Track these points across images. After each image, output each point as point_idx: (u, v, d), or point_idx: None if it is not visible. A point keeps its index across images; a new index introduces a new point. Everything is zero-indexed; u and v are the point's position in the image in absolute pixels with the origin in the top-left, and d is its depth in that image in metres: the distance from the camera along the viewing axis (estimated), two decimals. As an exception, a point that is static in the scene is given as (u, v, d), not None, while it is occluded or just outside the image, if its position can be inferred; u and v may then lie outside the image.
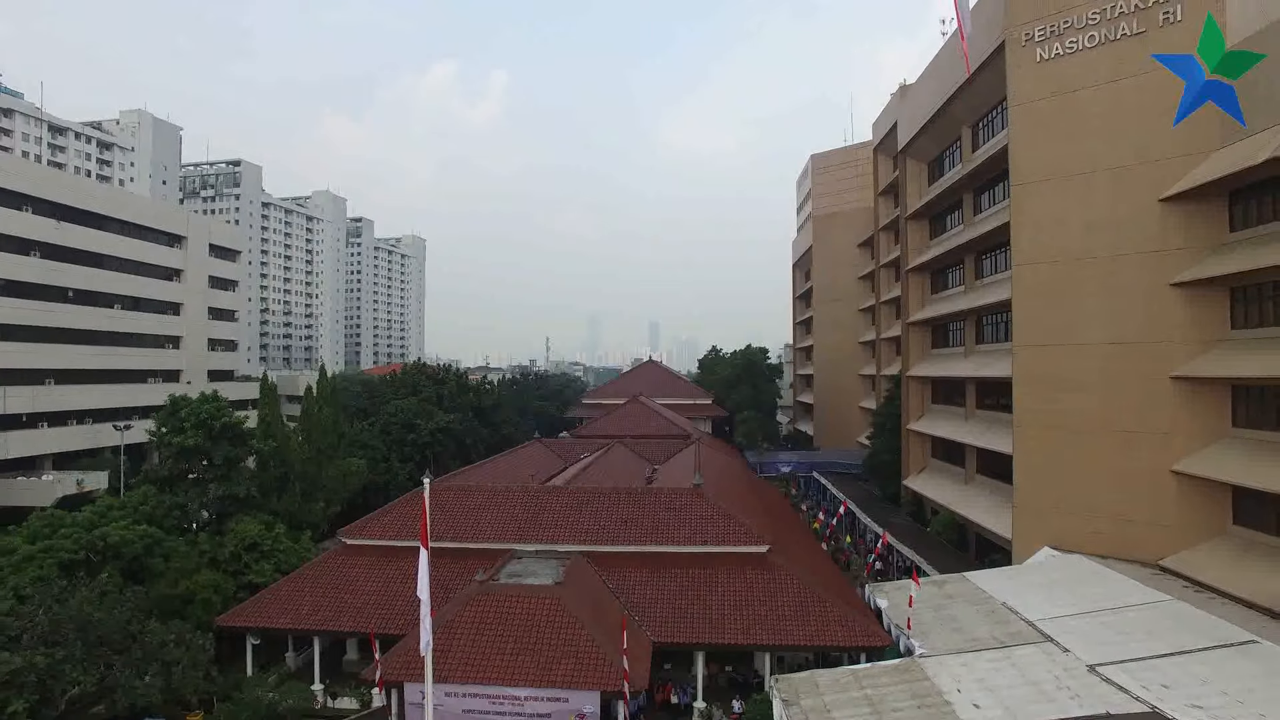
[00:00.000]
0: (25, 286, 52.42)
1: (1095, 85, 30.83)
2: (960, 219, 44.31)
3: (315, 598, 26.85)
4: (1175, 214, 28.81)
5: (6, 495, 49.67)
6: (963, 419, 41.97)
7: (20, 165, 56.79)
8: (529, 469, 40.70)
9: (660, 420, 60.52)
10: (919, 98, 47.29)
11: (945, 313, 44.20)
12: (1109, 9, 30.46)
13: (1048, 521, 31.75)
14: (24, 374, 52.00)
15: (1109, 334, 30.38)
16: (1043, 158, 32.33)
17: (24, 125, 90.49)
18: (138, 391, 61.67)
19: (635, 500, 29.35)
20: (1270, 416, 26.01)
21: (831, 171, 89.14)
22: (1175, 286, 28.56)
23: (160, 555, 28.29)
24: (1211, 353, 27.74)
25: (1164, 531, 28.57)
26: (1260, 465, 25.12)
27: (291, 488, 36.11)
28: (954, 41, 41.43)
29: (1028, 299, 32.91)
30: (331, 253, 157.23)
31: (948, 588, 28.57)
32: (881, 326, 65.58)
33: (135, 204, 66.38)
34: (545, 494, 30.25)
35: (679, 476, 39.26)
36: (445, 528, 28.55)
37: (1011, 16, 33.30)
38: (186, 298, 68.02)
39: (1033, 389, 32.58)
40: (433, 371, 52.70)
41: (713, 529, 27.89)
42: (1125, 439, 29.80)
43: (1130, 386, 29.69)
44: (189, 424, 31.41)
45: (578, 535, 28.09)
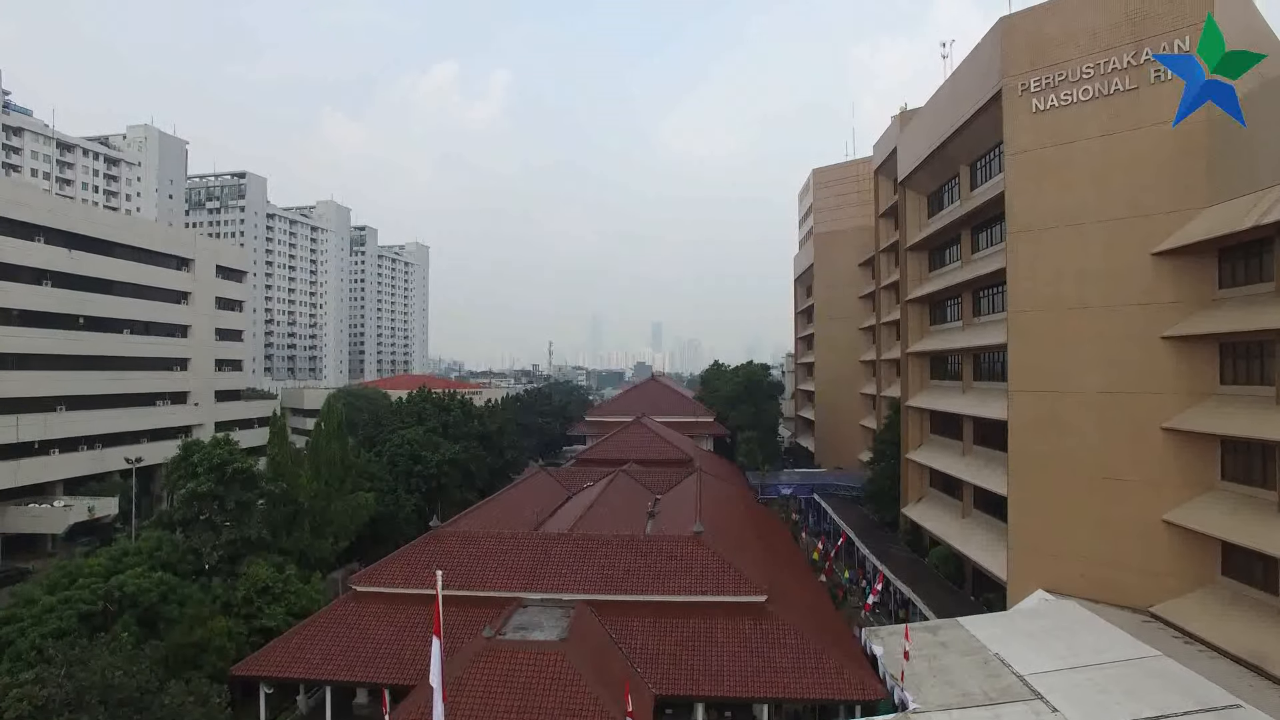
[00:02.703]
0: (37, 315, 53.35)
1: (1090, 138, 31.44)
2: (959, 254, 44.94)
3: (326, 646, 27.61)
4: (1166, 268, 29.43)
5: (19, 522, 50.73)
6: (960, 454, 42.60)
7: (34, 196, 57.61)
8: (533, 505, 41.46)
9: (662, 444, 61.25)
10: (917, 133, 47.91)
11: (943, 348, 44.81)
12: (1102, 64, 31.08)
13: (1042, 564, 32.41)
14: (37, 402, 52.93)
15: (1102, 382, 30.98)
16: (1039, 207, 32.95)
17: (33, 143, 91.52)
18: (146, 414, 62.68)
19: (637, 549, 30.07)
20: (1257, 472, 26.64)
21: (832, 186, 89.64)
22: (1166, 339, 29.21)
23: (175, 601, 29.07)
24: (1201, 406, 28.37)
25: (1154, 579, 29.20)
26: (1246, 521, 25.75)
27: (301, 525, 36.87)
28: (951, 83, 42.11)
29: (1023, 345, 33.55)
30: (335, 262, 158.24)
31: (942, 634, 29.23)
32: (882, 348, 66.18)
33: (144, 229, 67.40)
34: (550, 542, 30.97)
35: (680, 510, 40.01)
36: (453, 576, 29.22)
37: (1007, 66, 33.90)
38: (194, 319, 68.96)
39: (1027, 434, 33.22)
40: (438, 399, 53.48)
41: (712, 578, 28.59)
42: (1117, 486, 30.42)
43: (1123, 435, 30.31)
44: (201, 469, 32.21)
45: (582, 584, 28.81)
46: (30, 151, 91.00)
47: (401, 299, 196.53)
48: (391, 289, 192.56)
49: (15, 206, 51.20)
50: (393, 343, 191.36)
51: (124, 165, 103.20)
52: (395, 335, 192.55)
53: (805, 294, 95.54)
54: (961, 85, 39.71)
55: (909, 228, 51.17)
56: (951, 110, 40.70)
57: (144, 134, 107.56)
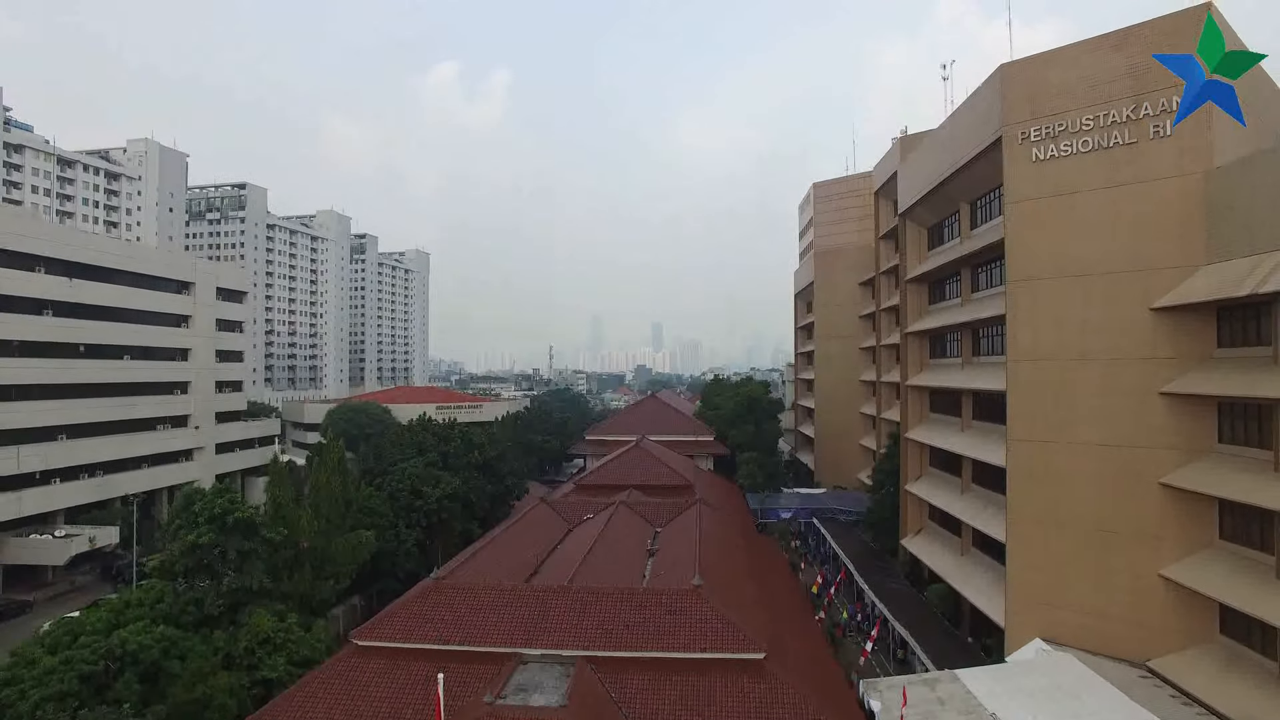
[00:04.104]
0: (38, 345, 53.39)
1: (1090, 190, 31.45)
2: (959, 289, 44.97)
3: (328, 704, 27.61)
4: (1165, 323, 29.46)
5: (20, 554, 50.81)
6: (959, 491, 42.66)
7: (36, 227, 57.66)
8: (533, 543, 41.55)
9: (662, 469, 61.30)
10: (918, 168, 47.90)
11: (943, 385, 44.82)
12: (1101, 117, 31.09)
13: (1039, 613, 32.47)
14: (38, 432, 53.00)
15: (1101, 435, 30.98)
16: (1038, 256, 32.93)
17: (34, 160, 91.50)
18: (147, 440, 62.76)
19: (637, 602, 30.09)
20: (1256, 535, 26.68)
21: (833, 200, 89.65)
22: (1164, 395, 29.24)
23: (177, 656, 29.16)
24: (1199, 464, 28.40)
25: (1153, 634, 29.27)
26: (1244, 584, 25.79)
27: (302, 567, 36.96)
28: (951, 122, 42.13)
29: (1022, 394, 33.57)
30: (336, 271, 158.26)
31: (940, 689, 29.32)
32: (882, 369, 66.26)
33: (144, 255, 67.50)
34: (550, 595, 31.02)
35: (680, 548, 40.07)
36: (454, 630, 29.37)
37: (1008, 114, 33.90)
38: (194, 342, 69.04)
39: (1026, 483, 33.26)
40: (439, 429, 53.57)
41: (712, 634, 28.62)
42: (1116, 539, 30.49)
43: (1122, 488, 30.33)
44: (202, 519, 32.30)
45: (582, 639, 28.84)
46: (31, 169, 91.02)
47: (402, 306, 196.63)
48: (392, 296, 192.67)
49: (18, 239, 51.25)
50: (393, 350, 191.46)
51: (124, 180, 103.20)
52: (395, 342, 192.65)
53: (806, 309, 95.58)
54: (961, 127, 39.70)
55: (909, 259, 51.19)
56: (951, 150, 40.71)
57: (144, 148, 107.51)
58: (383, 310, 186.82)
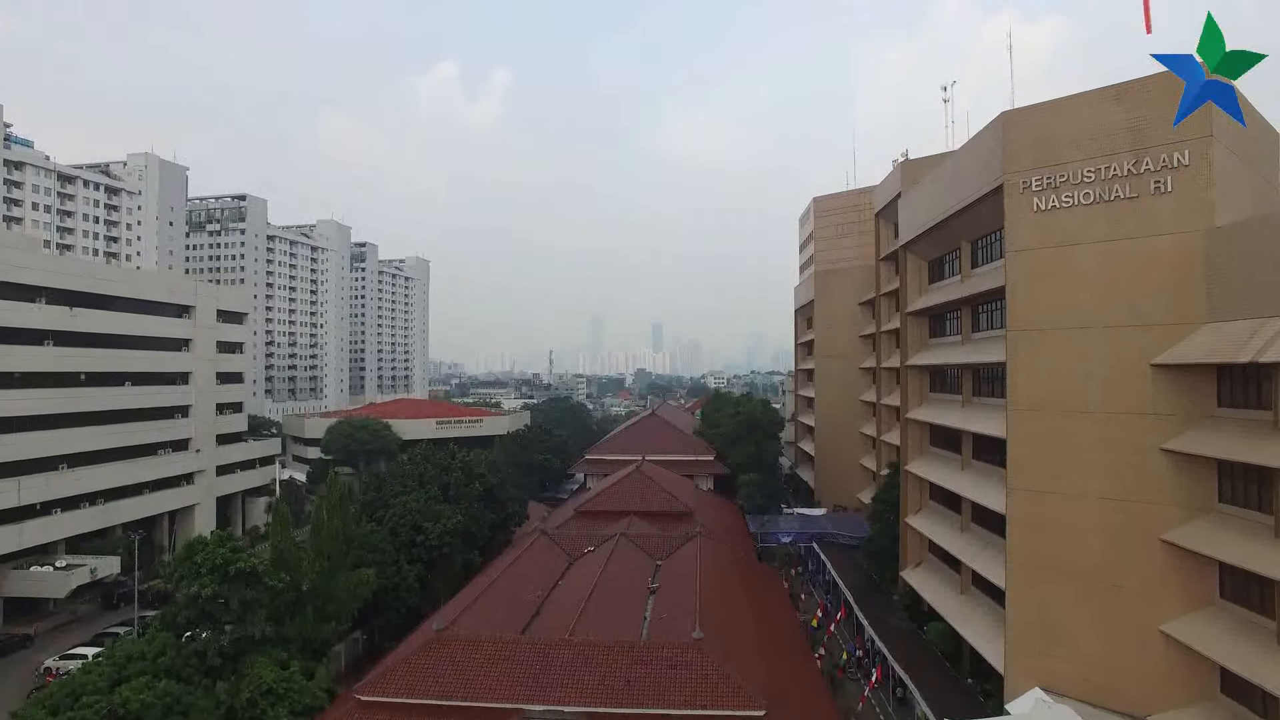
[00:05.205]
0: (39, 375, 53.36)
1: (1091, 242, 31.38)
2: (959, 325, 44.98)
3: (330, 763, 27.77)
4: (1165, 379, 29.43)
5: (22, 585, 50.80)
6: (958, 528, 42.70)
7: (36, 258, 57.53)
8: (535, 580, 41.66)
9: (663, 494, 61.38)
10: (918, 203, 47.90)
11: (943, 423, 44.83)
12: (1103, 169, 31.07)
13: (1039, 662, 32.41)
14: (39, 462, 53.00)
15: (1103, 487, 30.88)
16: (1039, 307, 32.87)
17: (34, 177, 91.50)
18: (149, 465, 62.78)
19: (638, 657, 30.22)
20: (1255, 597, 26.69)
21: (833, 215, 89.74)
22: (1165, 451, 29.25)
23: (179, 712, 29.22)
24: (1198, 522, 28.40)
25: (1153, 689, 29.22)
26: (1244, 646, 25.81)
27: (304, 610, 37.01)
28: (952, 163, 42.14)
29: (1021, 443, 33.51)
30: (336, 281, 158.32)
31: (940, 745, 29.39)
32: (882, 390, 66.28)
33: (145, 280, 67.64)
34: (552, 649, 31.12)
35: (681, 589, 40.17)
36: (456, 684, 29.48)
37: (1009, 162, 33.85)
38: (195, 366, 69.03)
39: (1025, 532, 33.20)
40: (439, 461, 53.63)
41: (711, 690, 28.74)
42: (1116, 592, 30.45)
43: (1123, 541, 30.27)
44: (204, 569, 32.34)
45: (583, 694, 28.95)
46: (31, 185, 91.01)
47: (402, 314, 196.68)
48: (392, 304, 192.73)
49: (18, 270, 51.25)
50: (393, 358, 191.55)
51: (124, 195, 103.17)
52: (395, 350, 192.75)
53: (806, 325, 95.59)
54: (963, 169, 39.69)
55: (910, 291, 51.20)
56: (953, 190, 40.71)
57: (144, 162, 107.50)
58: (383, 319, 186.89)
